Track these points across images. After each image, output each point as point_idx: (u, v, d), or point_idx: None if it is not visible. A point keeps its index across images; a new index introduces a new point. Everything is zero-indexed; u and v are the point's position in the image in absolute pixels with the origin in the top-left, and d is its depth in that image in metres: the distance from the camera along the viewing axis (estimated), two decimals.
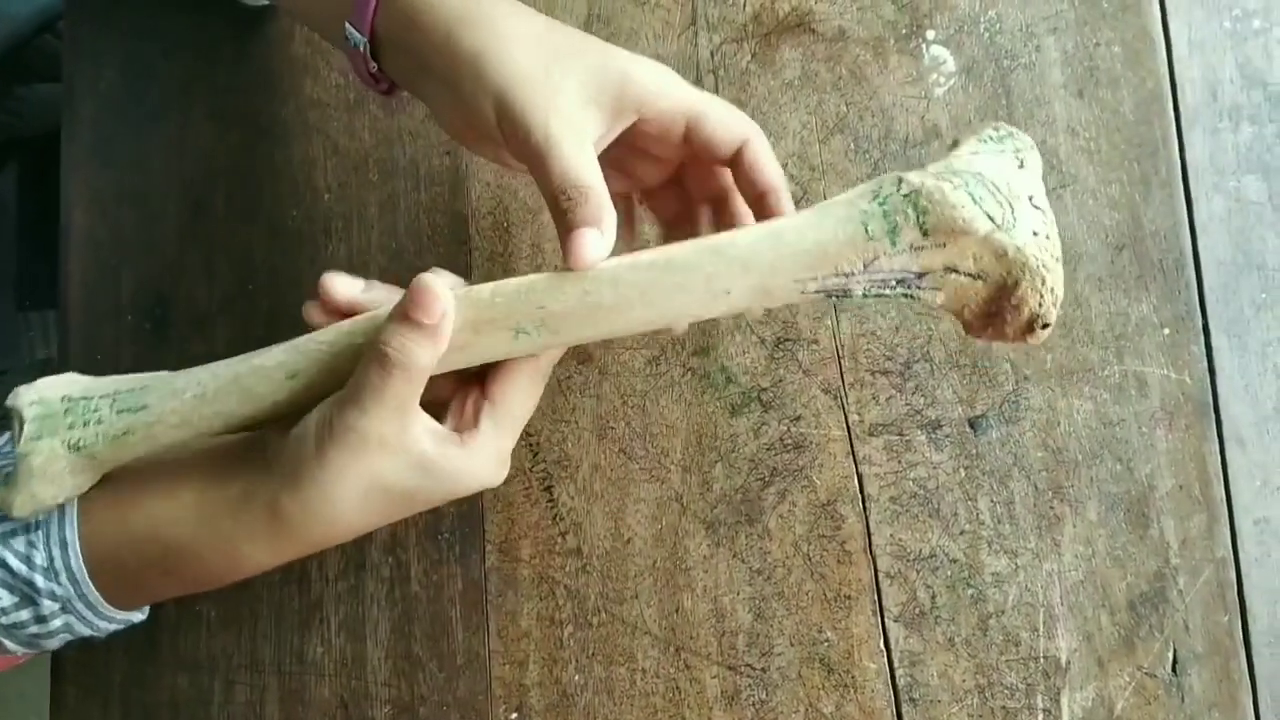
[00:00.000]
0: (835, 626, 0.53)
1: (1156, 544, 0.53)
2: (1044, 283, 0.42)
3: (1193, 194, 0.56)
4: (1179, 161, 0.56)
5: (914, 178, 0.42)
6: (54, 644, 0.45)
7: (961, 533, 0.53)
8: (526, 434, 0.55)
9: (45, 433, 0.46)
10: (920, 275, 0.43)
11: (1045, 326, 0.43)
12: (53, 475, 0.46)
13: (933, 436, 0.54)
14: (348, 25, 0.46)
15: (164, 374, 0.47)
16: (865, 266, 0.42)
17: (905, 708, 0.52)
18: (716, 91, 0.58)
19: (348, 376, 0.44)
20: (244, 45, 0.58)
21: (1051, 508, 0.53)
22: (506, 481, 0.53)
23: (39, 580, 0.43)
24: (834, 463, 0.54)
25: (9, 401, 0.47)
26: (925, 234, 0.42)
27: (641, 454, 0.54)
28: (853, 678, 0.52)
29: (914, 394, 0.54)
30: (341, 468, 0.41)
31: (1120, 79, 0.57)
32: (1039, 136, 0.56)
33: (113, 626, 0.45)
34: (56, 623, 0.43)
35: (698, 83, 0.58)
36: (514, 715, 0.52)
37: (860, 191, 0.43)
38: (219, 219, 0.57)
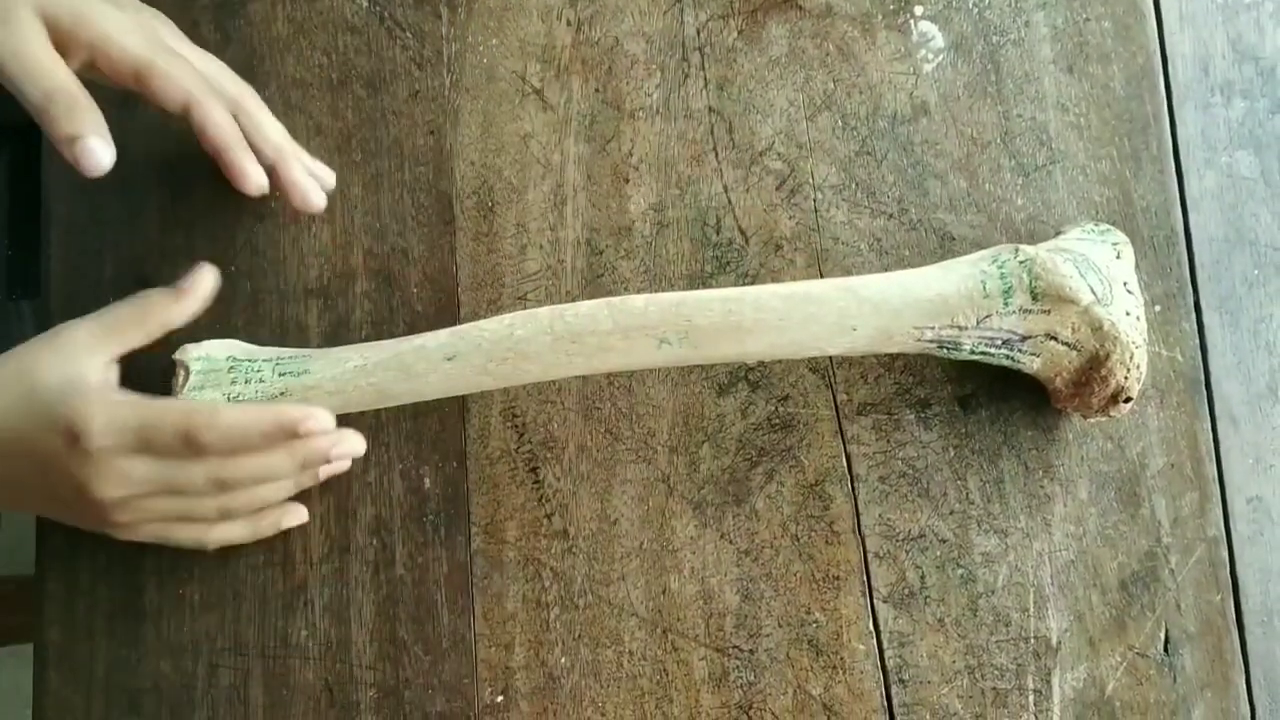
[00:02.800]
0: (824, 607, 0.52)
1: (1148, 523, 0.52)
2: (1132, 358, 0.47)
3: (1184, 170, 0.55)
4: (1170, 137, 0.56)
5: (1029, 249, 0.48)
6: None
7: (951, 512, 0.53)
8: (512, 415, 0.54)
9: (209, 385, 0.50)
10: (1024, 339, 0.48)
11: (1128, 400, 0.48)
12: None
13: (922, 415, 0.53)
14: None
15: (327, 349, 0.52)
16: (978, 322, 0.47)
17: (894, 689, 0.51)
18: (702, 69, 0.57)
19: (503, 367, 0.48)
20: (225, 26, 0.57)
21: (1042, 487, 0.53)
22: (492, 462, 0.53)
23: None
24: (822, 443, 0.53)
25: (175, 355, 0.52)
26: (1035, 298, 0.47)
27: (628, 435, 0.54)
28: (841, 659, 0.52)
29: (902, 372, 0.54)
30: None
31: (1110, 54, 0.57)
32: (1028, 113, 0.56)
33: None
34: None
35: (684, 61, 0.57)
36: (499, 698, 0.52)
37: (981, 255, 0.48)
38: (200, 201, 0.57)
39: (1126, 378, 0.47)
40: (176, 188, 0.57)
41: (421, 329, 0.55)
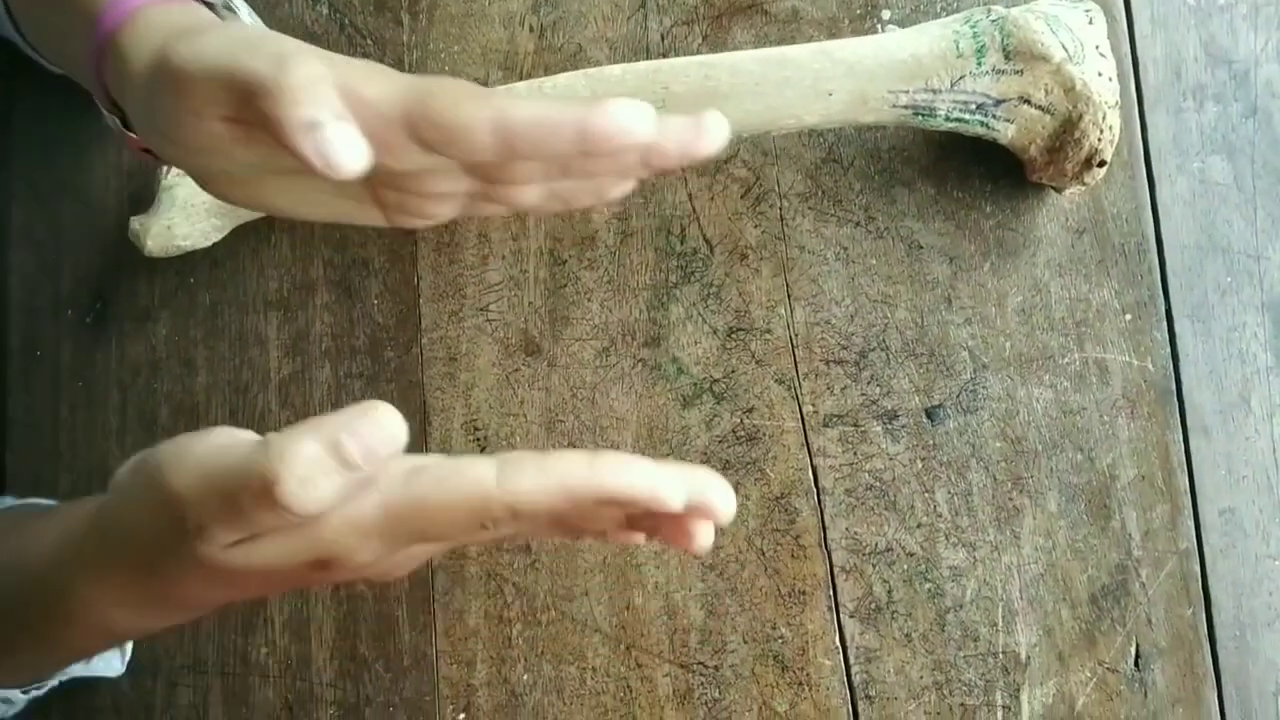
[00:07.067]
0: (789, 623, 0.51)
1: (1118, 536, 0.52)
2: (1104, 118, 0.48)
3: (1155, 176, 0.55)
4: (1141, 142, 0.55)
5: (1001, 9, 0.48)
6: None
7: (918, 526, 0.52)
8: (474, 427, 0.54)
9: None
10: (998, 103, 0.48)
11: (1102, 164, 0.49)
12: (192, 210, 0.50)
13: (889, 427, 0.53)
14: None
15: None
16: (952, 84, 0.48)
17: (861, 705, 0.51)
18: None
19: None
20: None
21: (1011, 499, 0.52)
22: None
23: None
24: (788, 455, 0.53)
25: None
26: (1007, 57, 0.47)
27: (591, 447, 0.53)
28: (807, 675, 0.51)
29: (869, 384, 0.53)
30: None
31: None
32: None
33: None
34: None
35: None
36: (461, 715, 0.51)
37: (954, 17, 0.49)
38: None
39: (1100, 139, 0.48)
40: (135, 199, 0.56)
41: (383, 341, 0.54)
